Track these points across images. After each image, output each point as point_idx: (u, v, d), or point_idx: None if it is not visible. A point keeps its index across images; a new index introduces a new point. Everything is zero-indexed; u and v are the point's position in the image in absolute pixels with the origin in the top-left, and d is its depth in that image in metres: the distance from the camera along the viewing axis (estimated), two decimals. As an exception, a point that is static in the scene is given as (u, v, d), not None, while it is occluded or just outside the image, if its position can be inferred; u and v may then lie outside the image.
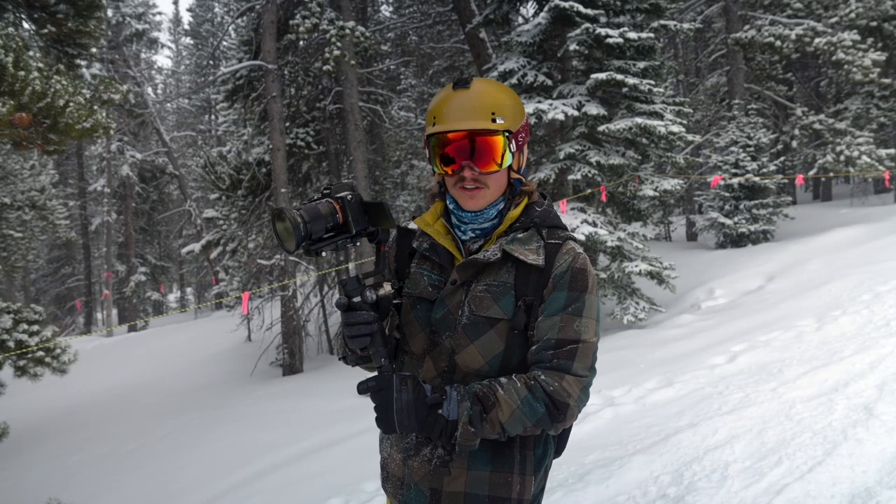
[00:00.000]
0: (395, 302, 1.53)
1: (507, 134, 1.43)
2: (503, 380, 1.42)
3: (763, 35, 14.45)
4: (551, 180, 8.88)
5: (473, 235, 1.53)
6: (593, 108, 8.41)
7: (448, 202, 1.56)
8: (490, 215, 1.51)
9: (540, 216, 1.52)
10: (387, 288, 1.42)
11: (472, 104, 1.41)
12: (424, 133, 1.49)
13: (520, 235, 1.48)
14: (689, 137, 9.51)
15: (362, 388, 1.36)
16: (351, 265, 11.11)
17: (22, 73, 4.60)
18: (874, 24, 14.61)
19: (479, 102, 1.41)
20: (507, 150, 1.44)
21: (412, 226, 1.64)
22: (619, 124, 8.32)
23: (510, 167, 1.49)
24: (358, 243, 1.44)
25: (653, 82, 8.56)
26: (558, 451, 1.69)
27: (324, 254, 1.44)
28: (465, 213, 1.51)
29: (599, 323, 1.49)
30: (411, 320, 1.55)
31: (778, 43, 14.39)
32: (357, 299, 1.35)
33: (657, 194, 9.12)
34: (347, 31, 10.16)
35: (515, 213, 1.52)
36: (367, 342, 1.36)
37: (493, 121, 1.41)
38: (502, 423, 1.37)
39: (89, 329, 27.82)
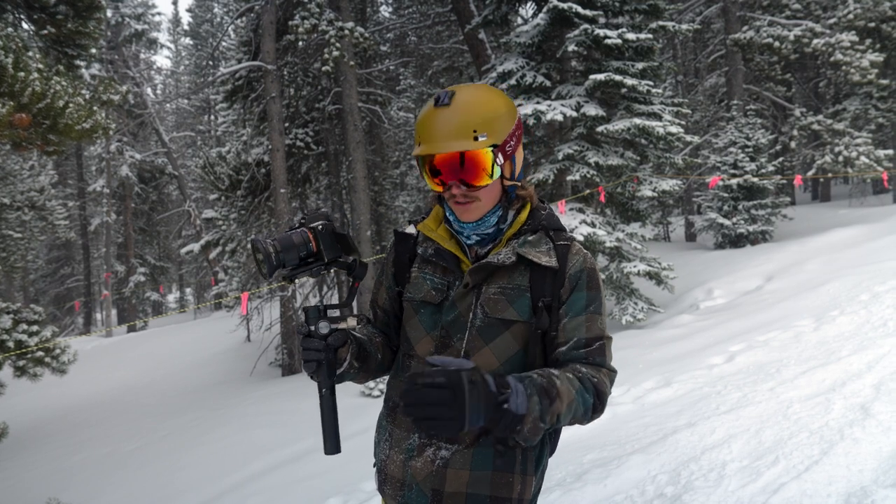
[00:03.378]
0: (355, 336, 1.54)
1: (493, 148, 1.42)
2: (555, 371, 1.37)
3: (762, 36, 14.47)
4: (550, 181, 8.89)
5: (479, 239, 1.55)
6: (592, 109, 8.43)
7: (446, 211, 1.57)
8: (490, 223, 1.52)
9: (546, 219, 1.55)
10: (350, 323, 1.47)
11: (453, 124, 1.39)
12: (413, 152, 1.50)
13: (530, 238, 1.50)
14: (688, 138, 9.53)
15: (425, 382, 1.15)
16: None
17: (22, 73, 4.61)
18: (872, 25, 14.64)
19: (460, 121, 1.39)
20: (495, 164, 1.43)
21: (410, 230, 1.65)
22: (618, 125, 8.34)
23: (502, 175, 1.49)
24: (332, 270, 1.54)
25: (651, 83, 8.58)
26: (551, 451, 1.68)
27: (297, 281, 1.55)
28: (463, 224, 1.53)
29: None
30: (415, 325, 1.56)
31: (776, 44, 14.41)
32: (313, 328, 1.45)
33: (656, 195, 9.14)
34: (346, 31, 10.17)
35: (523, 216, 1.55)
36: (313, 367, 1.44)
37: (476, 139, 1.39)
38: (559, 414, 1.31)
39: (88, 329, 27.80)
